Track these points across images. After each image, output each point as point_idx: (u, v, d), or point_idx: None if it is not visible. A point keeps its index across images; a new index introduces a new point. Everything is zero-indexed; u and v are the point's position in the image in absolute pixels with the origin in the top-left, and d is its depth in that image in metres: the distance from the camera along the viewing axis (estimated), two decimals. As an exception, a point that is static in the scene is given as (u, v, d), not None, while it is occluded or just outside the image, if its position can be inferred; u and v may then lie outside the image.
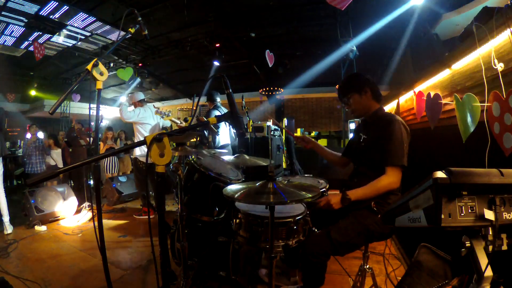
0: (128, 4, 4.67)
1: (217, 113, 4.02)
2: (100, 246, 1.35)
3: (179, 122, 3.96)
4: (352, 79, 1.81)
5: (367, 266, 1.70)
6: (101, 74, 1.39)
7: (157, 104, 11.29)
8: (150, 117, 4.13)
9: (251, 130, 3.73)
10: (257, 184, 1.36)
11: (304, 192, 1.26)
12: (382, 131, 1.56)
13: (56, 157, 5.56)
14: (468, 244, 0.87)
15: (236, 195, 1.25)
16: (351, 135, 5.06)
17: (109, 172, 5.67)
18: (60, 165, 5.59)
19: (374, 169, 1.56)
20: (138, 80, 7.52)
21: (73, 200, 4.17)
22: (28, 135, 5.78)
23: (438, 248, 1.48)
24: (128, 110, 3.94)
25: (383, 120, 1.61)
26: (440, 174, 0.82)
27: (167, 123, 4.44)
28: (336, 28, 5.20)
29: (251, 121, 3.66)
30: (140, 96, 4.24)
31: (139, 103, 4.16)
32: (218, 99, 4.21)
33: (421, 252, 1.54)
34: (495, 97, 1.27)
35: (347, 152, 1.92)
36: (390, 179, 1.49)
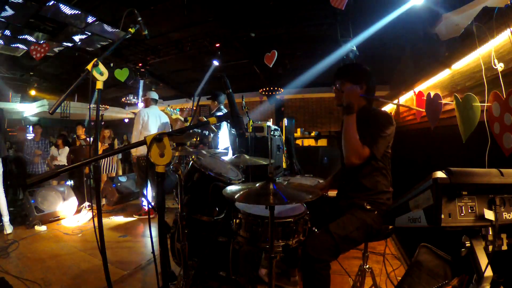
0: (129, 4, 4.67)
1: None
2: (100, 246, 1.35)
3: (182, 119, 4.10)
4: (353, 67, 1.75)
5: (367, 266, 1.70)
6: (101, 74, 1.39)
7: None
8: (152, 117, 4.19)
9: (251, 130, 3.73)
10: (257, 185, 1.36)
11: (304, 193, 1.26)
12: (368, 122, 1.54)
13: (62, 156, 5.53)
14: (468, 244, 0.87)
15: (236, 196, 1.25)
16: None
17: (105, 172, 5.65)
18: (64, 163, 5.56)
19: (360, 167, 1.52)
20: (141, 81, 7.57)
21: (73, 200, 4.17)
22: (30, 136, 5.73)
23: (438, 248, 1.48)
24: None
25: (371, 114, 1.58)
26: (440, 174, 0.83)
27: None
28: (336, 28, 5.19)
29: (251, 121, 3.66)
30: (154, 95, 4.42)
31: (148, 102, 4.32)
32: (223, 101, 4.22)
33: (421, 252, 1.54)
34: (495, 97, 1.27)
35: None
36: (359, 152, 1.46)
